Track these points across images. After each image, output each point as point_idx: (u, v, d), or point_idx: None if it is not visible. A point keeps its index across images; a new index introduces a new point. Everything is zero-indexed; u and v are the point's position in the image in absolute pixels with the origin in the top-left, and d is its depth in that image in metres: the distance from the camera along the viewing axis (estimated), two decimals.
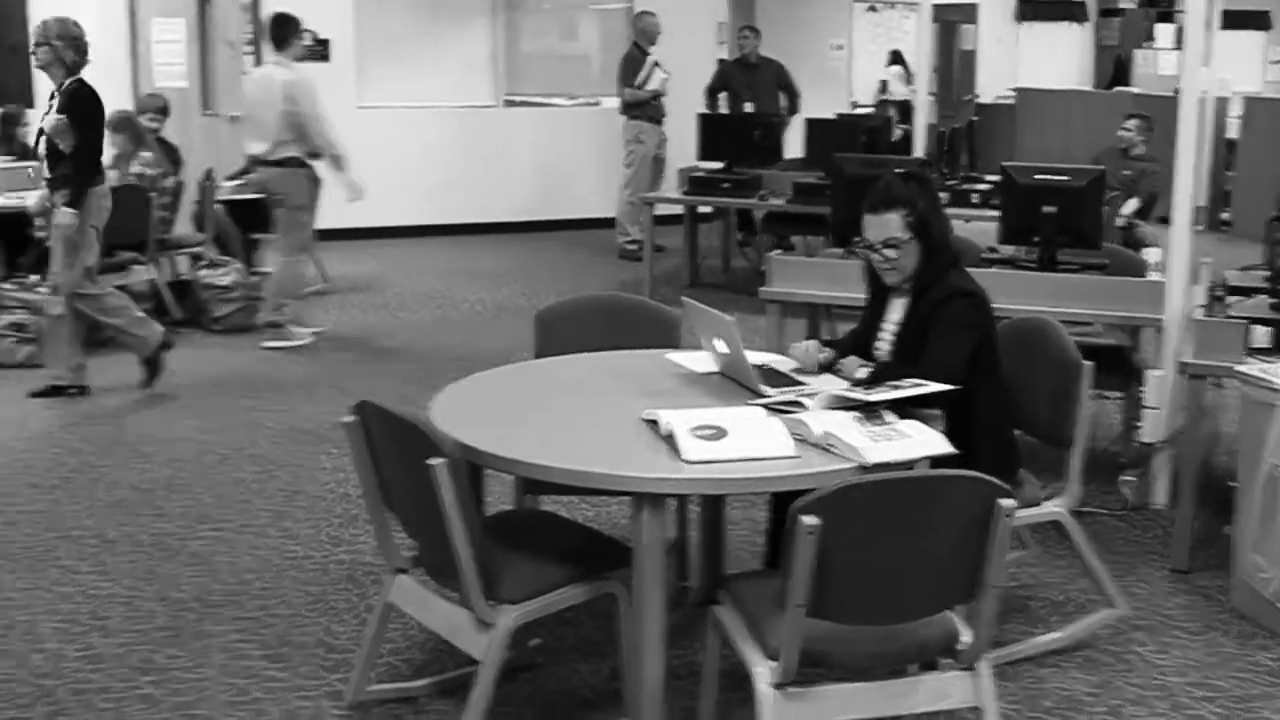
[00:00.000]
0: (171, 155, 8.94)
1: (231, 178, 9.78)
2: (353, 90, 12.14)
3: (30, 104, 10.99)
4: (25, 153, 9.14)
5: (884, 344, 3.96)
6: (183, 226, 9.13)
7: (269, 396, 6.94)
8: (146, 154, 8.46)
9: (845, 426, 3.23)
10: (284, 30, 8.09)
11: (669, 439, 3.18)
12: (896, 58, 16.73)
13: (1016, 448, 4.06)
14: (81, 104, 6.51)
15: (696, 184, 9.69)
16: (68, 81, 6.51)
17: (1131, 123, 9.20)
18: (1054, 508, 4.00)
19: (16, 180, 8.47)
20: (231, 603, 4.38)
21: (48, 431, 6.28)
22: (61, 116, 6.45)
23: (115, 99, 10.43)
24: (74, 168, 6.50)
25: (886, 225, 3.80)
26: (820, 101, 12.83)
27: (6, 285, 7.57)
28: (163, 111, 9.21)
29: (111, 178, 7.53)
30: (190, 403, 6.80)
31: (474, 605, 3.11)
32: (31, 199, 7.92)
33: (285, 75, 7.92)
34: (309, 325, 8.22)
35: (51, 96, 6.61)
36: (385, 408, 3.22)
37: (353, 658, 3.88)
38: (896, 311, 3.95)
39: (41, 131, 6.61)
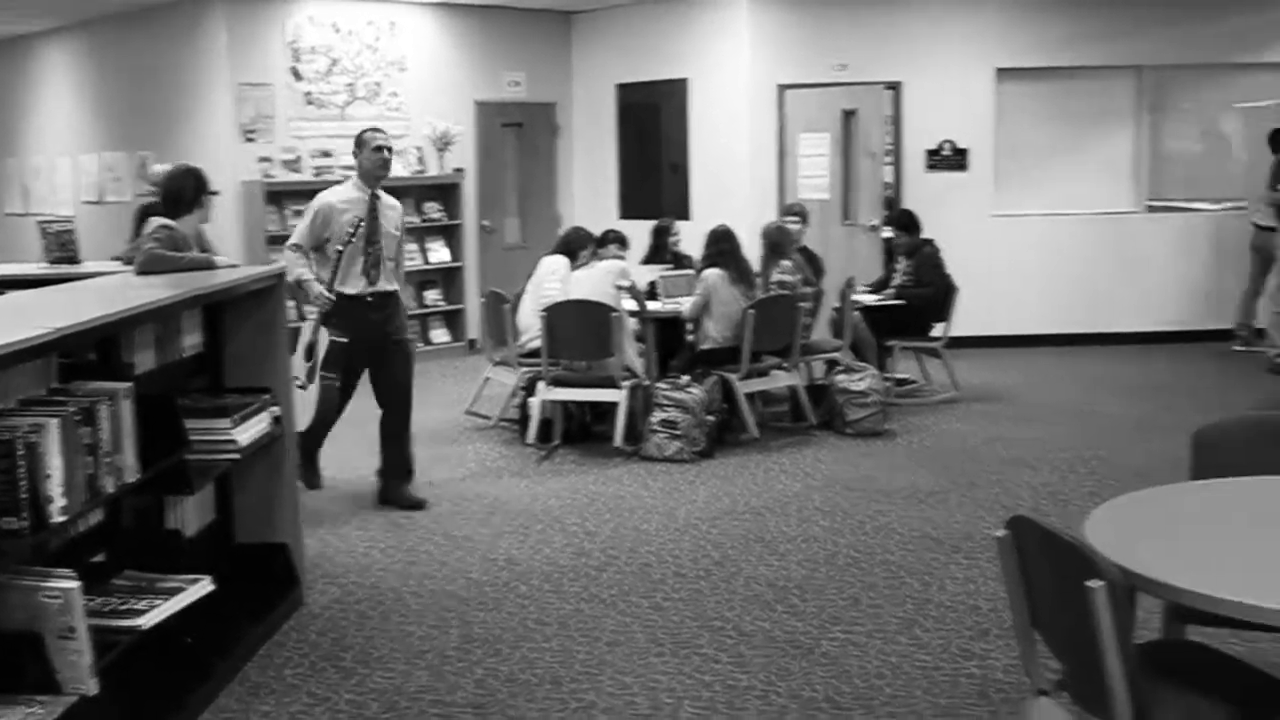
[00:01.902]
0: (813, 264, 9.27)
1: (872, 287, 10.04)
2: (990, 199, 12.14)
3: (687, 216, 11.85)
4: (678, 261, 9.78)
5: None
6: (820, 332, 9.42)
7: (899, 502, 6.98)
8: (785, 262, 8.81)
9: None
10: None
11: None
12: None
13: None
14: None
15: None
16: None
17: None
18: None
19: (677, 287, 9.02)
20: (862, 707, 4.40)
21: (692, 523, 6.62)
22: None
23: (765, 211, 11.06)
24: None
25: None
26: None
27: (661, 385, 8.08)
28: (803, 216, 9.59)
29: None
30: (823, 504, 6.96)
31: None
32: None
33: None
34: None
35: None
36: (1042, 524, 3.13)
37: None
38: None
39: None
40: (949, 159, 12.18)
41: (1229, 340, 11.74)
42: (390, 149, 6.96)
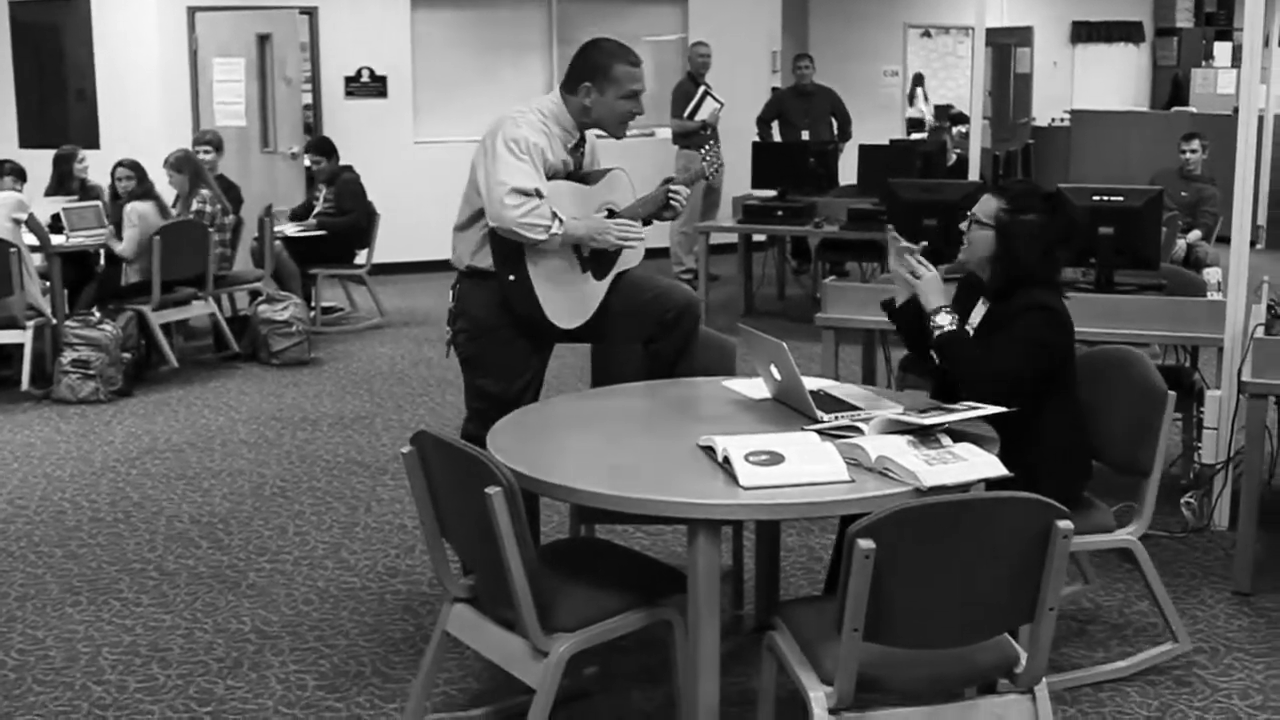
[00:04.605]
0: (231, 193, 9.03)
1: (294, 215, 9.91)
2: (410, 126, 12.26)
3: (96, 145, 11.21)
4: (85, 191, 9.27)
5: None
6: (242, 262, 9.23)
7: (326, 430, 6.99)
8: (205, 191, 8.56)
9: (901, 450, 3.21)
10: None
11: (725, 465, 3.17)
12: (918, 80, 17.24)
13: (1087, 473, 4.02)
14: None
15: (751, 212, 9.69)
16: None
17: (1190, 143, 9.13)
18: (1125, 535, 3.95)
19: (84, 219, 8.55)
20: (290, 634, 4.41)
21: (110, 465, 6.35)
22: None
23: (178, 139, 10.63)
24: None
25: (985, 204, 3.92)
26: (874, 127, 12.79)
27: (71, 323, 7.66)
28: (216, 145, 9.28)
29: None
30: (248, 437, 6.86)
31: (529, 634, 3.11)
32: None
33: None
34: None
35: None
36: (442, 438, 3.23)
37: (409, 687, 3.90)
38: (978, 316, 3.96)
39: None
40: (368, 86, 12.18)
41: None
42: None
